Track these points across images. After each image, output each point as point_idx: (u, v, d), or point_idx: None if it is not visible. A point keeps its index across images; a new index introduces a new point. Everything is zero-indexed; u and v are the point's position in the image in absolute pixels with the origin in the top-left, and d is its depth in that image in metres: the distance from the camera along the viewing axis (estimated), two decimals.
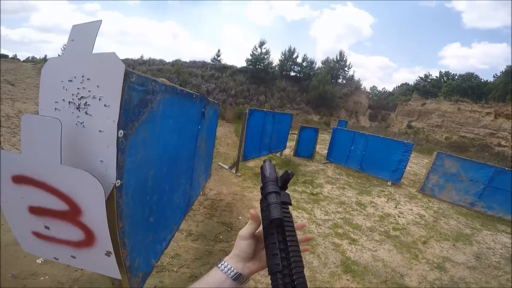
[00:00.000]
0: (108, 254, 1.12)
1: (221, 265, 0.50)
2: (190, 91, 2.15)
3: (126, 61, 26.42)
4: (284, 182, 0.56)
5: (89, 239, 1.11)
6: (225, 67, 27.30)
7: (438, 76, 36.53)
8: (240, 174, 6.41)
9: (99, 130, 1.04)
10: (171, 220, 2.20)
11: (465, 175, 6.74)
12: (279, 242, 0.47)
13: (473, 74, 31.85)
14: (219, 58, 29.71)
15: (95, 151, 1.06)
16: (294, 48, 27.86)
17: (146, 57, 28.92)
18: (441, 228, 5.21)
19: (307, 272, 3.27)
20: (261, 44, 25.50)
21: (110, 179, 1.07)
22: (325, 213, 5.04)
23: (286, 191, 0.56)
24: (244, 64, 26.69)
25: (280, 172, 0.57)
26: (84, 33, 1.03)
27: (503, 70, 25.98)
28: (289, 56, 28.05)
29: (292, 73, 28.72)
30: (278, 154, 8.80)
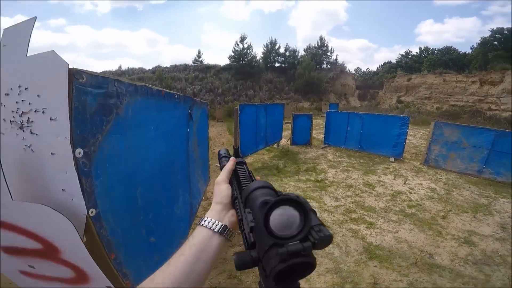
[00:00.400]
0: None
1: (204, 221, 0.47)
2: (171, 91, 1.90)
3: (103, 75, 25.74)
4: (235, 152, 0.60)
5: (81, 276, 0.98)
6: (208, 67, 26.98)
7: (418, 52, 37.55)
8: None
9: (51, 153, 0.84)
10: (175, 235, 2.06)
11: (467, 142, 6.57)
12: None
13: (451, 47, 32.87)
14: (200, 59, 29.50)
15: (52, 179, 0.87)
16: (275, 40, 27.84)
17: (124, 67, 28.15)
18: (456, 200, 5.02)
19: (330, 265, 3.06)
20: (242, 39, 25.28)
21: (80, 209, 0.90)
22: (335, 199, 4.83)
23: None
24: (228, 62, 26.49)
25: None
26: (18, 36, 0.83)
27: (479, 41, 27.01)
28: (271, 48, 28.05)
29: (277, 64, 28.57)
30: (275, 146, 8.58)
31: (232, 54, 25.60)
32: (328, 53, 29.40)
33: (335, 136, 8.85)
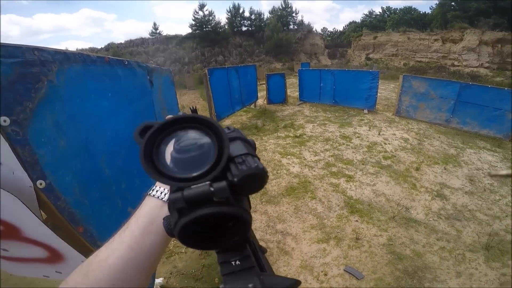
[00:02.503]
0: None
1: (153, 190, 0.40)
2: (118, 58, 1.77)
3: None
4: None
5: (56, 255, 1.00)
6: (169, 38, 25.61)
7: (381, 11, 38.69)
8: None
9: None
10: None
11: (434, 93, 6.86)
12: None
13: (411, 7, 34.29)
14: (158, 31, 27.80)
15: None
16: (238, 4, 27.20)
17: (72, 49, 25.23)
18: (427, 151, 5.23)
19: (314, 221, 3.12)
20: (201, 6, 24.39)
21: (25, 182, 0.85)
22: (314, 154, 4.88)
23: None
24: (190, 31, 25.47)
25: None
26: None
27: (437, 2, 28.10)
28: (235, 13, 27.37)
29: (244, 28, 28.23)
30: (252, 106, 8.45)
31: (193, 22, 24.69)
32: (294, 14, 29.11)
33: (309, 93, 8.89)
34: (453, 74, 16.93)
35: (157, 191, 0.40)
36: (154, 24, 29.54)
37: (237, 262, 0.26)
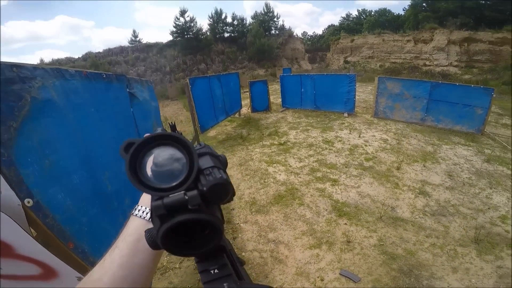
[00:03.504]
0: (79, 279, 0.98)
1: (136, 209, 0.42)
2: (96, 71, 1.80)
3: None
4: (172, 129, 0.53)
5: (49, 271, 0.97)
6: (149, 46, 25.18)
7: (357, 14, 40.04)
8: None
9: None
10: None
11: (408, 93, 7.24)
12: None
13: (386, 9, 35.93)
14: (138, 39, 27.37)
15: None
16: (220, 9, 26.90)
17: (48, 60, 24.38)
18: (406, 150, 5.46)
19: (304, 227, 3.19)
20: (182, 13, 23.96)
21: (13, 200, 0.85)
22: (299, 160, 5.01)
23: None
24: (171, 38, 25.08)
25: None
26: None
27: (409, 4, 29.46)
28: (217, 18, 27.01)
29: (226, 34, 27.96)
30: (237, 115, 8.49)
31: (174, 29, 24.31)
32: (275, 19, 29.32)
33: (291, 99, 9.09)
34: (425, 73, 17.84)
35: (139, 210, 0.42)
36: (134, 31, 28.81)
37: (216, 271, 0.30)
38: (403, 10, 33.19)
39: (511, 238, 2.99)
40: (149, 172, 0.28)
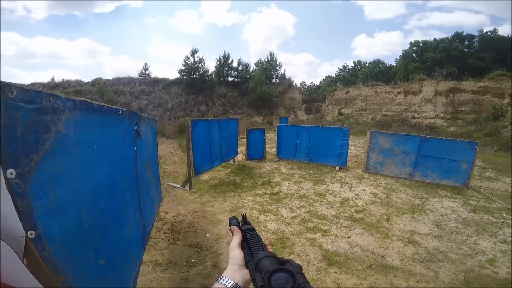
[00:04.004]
0: None
1: (220, 279, 0.55)
2: (113, 106, 1.82)
3: (33, 87, 22.48)
4: (243, 219, 0.71)
5: None
6: (157, 81, 25.75)
7: (353, 65, 42.33)
8: (195, 190, 5.94)
9: None
10: (128, 256, 2.00)
11: (398, 149, 7.54)
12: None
13: (379, 60, 38.10)
14: (147, 72, 28.01)
15: None
16: (228, 54, 27.64)
17: (58, 79, 24.96)
18: (395, 203, 5.61)
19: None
20: (193, 52, 24.61)
21: (16, 232, 0.85)
22: (291, 210, 5.02)
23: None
24: (178, 75, 25.51)
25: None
26: None
27: (401, 54, 31.77)
28: (224, 62, 27.76)
29: (230, 78, 28.56)
30: (231, 161, 8.56)
31: (183, 67, 24.76)
32: (277, 68, 30.42)
33: (286, 150, 9.26)
34: (414, 126, 18.52)
35: (223, 280, 0.54)
36: (146, 64, 28.88)
37: None
38: (395, 61, 35.09)
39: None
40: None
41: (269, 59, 30.23)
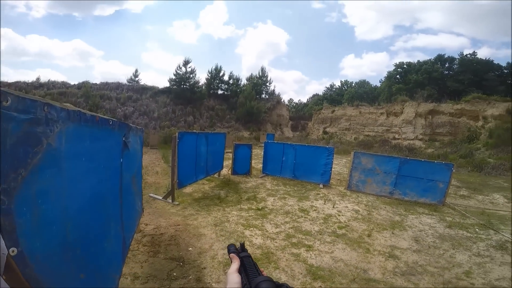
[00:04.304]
0: None
1: None
2: (104, 116, 1.76)
3: (16, 85, 21.50)
4: (241, 246, 0.75)
5: None
6: (145, 88, 25.47)
7: (340, 85, 43.52)
8: (177, 203, 5.80)
9: None
10: (109, 270, 1.96)
11: (379, 169, 7.86)
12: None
13: (365, 80, 39.68)
14: (137, 79, 27.64)
15: None
16: (220, 66, 27.91)
17: (44, 79, 24.06)
18: (376, 220, 5.79)
19: None
20: (186, 62, 24.67)
21: None
22: (275, 226, 5.02)
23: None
24: (167, 84, 25.32)
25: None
26: None
27: (385, 75, 32.75)
28: (215, 74, 27.87)
29: (220, 91, 28.64)
30: (216, 175, 8.47)
31: (174, 77, 24.63)
32: (268, 83, 30.81)
33: (272, 166, 9.32)
34: (394, 147, 19.06)
35: None
36: (136, 70, 28.24)
37: None
38: (380, 81, 36.16)
39: None
40: None
41: (260, 74, 30.68)
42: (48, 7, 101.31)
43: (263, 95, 30.66)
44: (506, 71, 24.75)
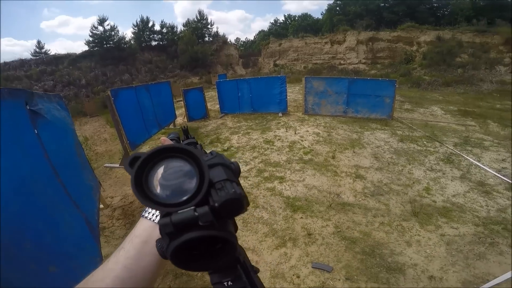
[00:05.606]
0: None
1: (145, 212, 0.41)
2: None
3: None
4: (184, 133, 0.60)
5: None
6: (59, 58, 22.02)
7: (284, 19, 43.17)
8: None
9: None
10: (81, 254, 1.91)
11: (331, 90, 8.09)
12: None
13: (308, 14, 39.90)
14: (44, 50, 23.58)
15: None
16: (147, 17, 25.58)
17: None
18: (336, 140, 6.02)
19: (265, 229, 3.14)
20: (102, 21, 21.82)
21: None
22: (245, 163, 4.98)
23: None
24: (86, 48, 22.50)
25: None
26: None
27: (326, 8, 33.73)
28: (143, 26, 25.55)
29: (154, 43, 26.69)
30: (171, 126, 7.94)
31: (90, 39, 21.93)
32: (209, 26, 29.24)
33: (229, 104, 9.07)
34: (341, 71, 20.52)
35: (149, 212, 0.41)
36: (39, 42, 23.91)
37: (229, 283, 0.29)
38: (321, 14, 37.57)
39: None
40: (157, 187, 0.27)
41: (199, 18, 28.67)
42: None
43: (206, 38, 29.12)
44: (435, 4, 27.27)
